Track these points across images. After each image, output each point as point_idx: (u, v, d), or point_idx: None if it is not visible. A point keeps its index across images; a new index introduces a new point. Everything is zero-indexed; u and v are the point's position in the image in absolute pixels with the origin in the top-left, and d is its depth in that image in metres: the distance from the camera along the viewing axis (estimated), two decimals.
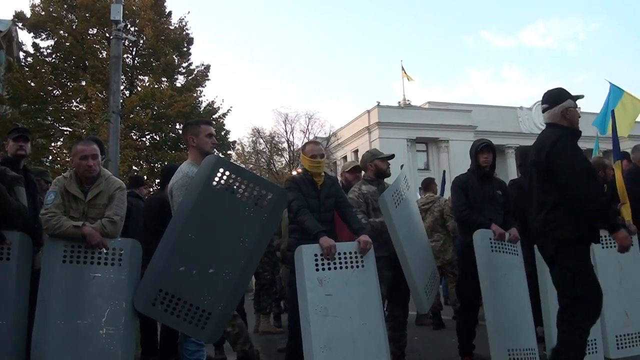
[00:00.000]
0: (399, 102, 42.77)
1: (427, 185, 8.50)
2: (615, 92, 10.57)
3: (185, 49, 22.54)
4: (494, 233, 4.83)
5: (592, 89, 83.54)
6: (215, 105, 22.42)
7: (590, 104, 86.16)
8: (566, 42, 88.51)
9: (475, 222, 4.97)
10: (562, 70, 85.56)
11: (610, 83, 10.95)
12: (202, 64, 23.02)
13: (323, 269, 4.14)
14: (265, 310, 7.95)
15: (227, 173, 3.85)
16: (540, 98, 4.33)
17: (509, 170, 37.95)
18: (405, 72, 42.49)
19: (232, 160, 28.64)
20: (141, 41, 20.99)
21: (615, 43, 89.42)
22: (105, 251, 3.81)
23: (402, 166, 5.29)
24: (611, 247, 5.33)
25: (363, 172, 5.40)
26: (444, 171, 13.55)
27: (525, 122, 43.27)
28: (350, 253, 4.28)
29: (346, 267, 4.23)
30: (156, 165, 20.02)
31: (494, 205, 5.12)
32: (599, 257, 5.28)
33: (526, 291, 4.96)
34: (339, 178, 6.21)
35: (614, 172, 5.92)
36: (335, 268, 4.19)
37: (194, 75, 22.79)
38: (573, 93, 4.21)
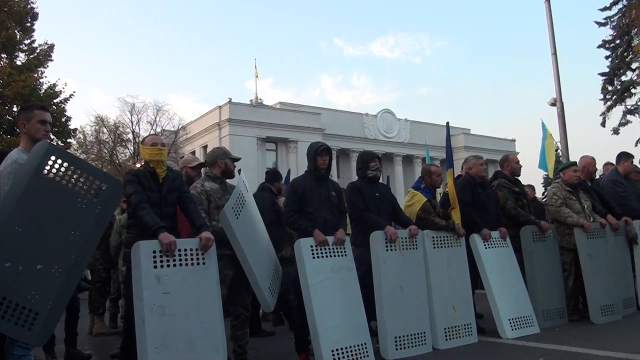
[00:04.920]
0: (251, 101, 42.86)
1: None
2: (544, 132, 12.14)
3: (28, 24, 20.96)
4: (315, 240, 4.97)
5: (433, 101, 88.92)
6: (57, 89, 21.11)
7: (429, 116, 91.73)
8: (413, 56, 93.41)
9: (299, 228, 5.12)
10: (407, 82, 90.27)
11: (542, 122, 12.34)
12: (46, 43, 21.58)
13: (162, 266, 4.02)
14: (98, 310, 7.57)
15: (59, 161, 3.60)
16: (386, 107, 4.52)
17: (352, 173, 39.34)
18: (257, 70, 42.78)
19: (72, 150, 27.18)
20: None
21: (458, 61, 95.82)
22: None
23: (239, 171, 5.25)
24: (441, 247, 5.74)
25: (208, 168, 5.29)
26: (289, 170, 13.65)
27: (370, 128, 45.14)
28: (191, 250, 4.20)
29: (186, 265, 4.14)
30: None
31: (329, 205, 5.28)
32: (430, 255, 5.64)
33: (356, 289, 5.13)
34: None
35: (446, 179, 6.34)
36: (174, 265, 4.08)
37: (36, 54, 21.22)
38: (415, 104, 4.43)
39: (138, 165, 5.05)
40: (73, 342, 5.81)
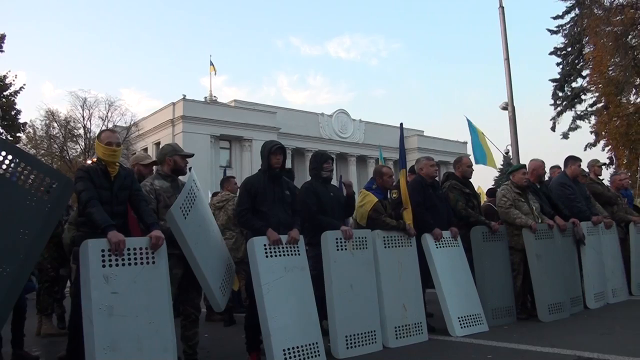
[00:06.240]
0: (206, 98, 42.52)
1: (225, 183, 8.53)
2: (472, 129, 12.14)
3: None
4: (269, 239, 4.95)
5: (387, 103, 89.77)
6: (7, 81, 20.63)
7: (382, 117, 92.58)
8: (369, 58, 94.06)
9: (252, 227, 5.09)
10: (362, 83, 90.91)
11: (467, 119, 12.40)
12: None
13: (110, 266, 3.92)
14: (46, 310, 7.38)
15: (10, 157, 3.53)
16: (341, 107, 4.53)
17: (307, 172, 39.37)
18: (213, 67, 42.46)
19: (21, 144, 26.46)
20: None
21: (413, 64, 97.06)
22: None
23: (190, 169, 5.20)
24: (392, 247, 5.80)
25: (159, 165, 5.21)
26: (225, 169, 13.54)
27: (325, 128, 45.28)
28: (140, 249, 4.11)
29: (135, 264, 4.05)
30: None
31: (283, 205, 5.25)
32: (381, 255, 5.69)
33: (309, 288, 5.12)
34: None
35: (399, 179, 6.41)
36: (123, 264, 3.99)
37: None
38: (370, 105, 4.46)
39: (89, 162, 4.96)
40: (20, 344, 5.66)
